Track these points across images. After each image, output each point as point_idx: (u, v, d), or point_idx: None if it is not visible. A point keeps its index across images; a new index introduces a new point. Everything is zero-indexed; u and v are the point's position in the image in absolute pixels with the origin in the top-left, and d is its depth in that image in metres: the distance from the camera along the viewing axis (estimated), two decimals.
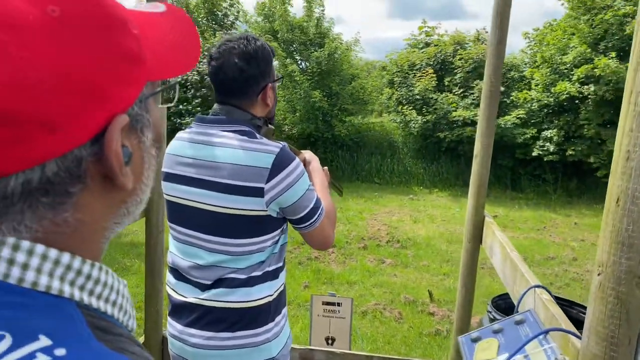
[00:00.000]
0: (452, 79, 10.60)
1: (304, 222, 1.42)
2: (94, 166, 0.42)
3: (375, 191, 10.09)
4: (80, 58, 0.38)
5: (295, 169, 1.36)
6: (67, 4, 0.39)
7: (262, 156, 1.32)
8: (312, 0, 11.60)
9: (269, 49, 1.46)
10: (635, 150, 0.76)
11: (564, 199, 9.36)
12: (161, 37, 0.49)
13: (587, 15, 8.48)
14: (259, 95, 1.43)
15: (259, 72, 1.41)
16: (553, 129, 9.09)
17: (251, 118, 1.43)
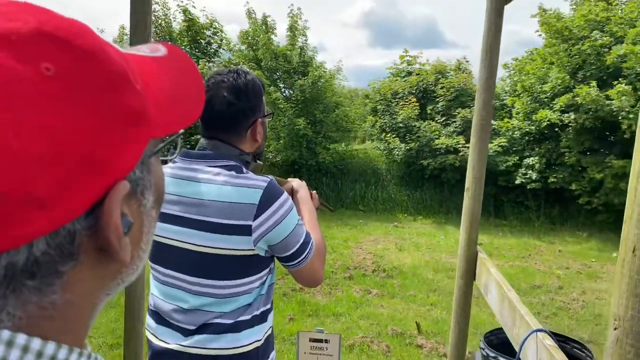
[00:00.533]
0: (435, 107, 10.73)
1: (293, 260, 1.35)
2: (89, 240, 0.37)
3: (360, 218, 10.04)
4: (76, 123, 0.33)
5: (283, 204, 1.30)
6: (64, 61, 0.33)
7: (249, 192, 1.25)
8: (295, 29, 11.72)
9: (259, 83, 1.41)
10: None
11: (547, 226, 9.41)
12: (164, 86, 0.44)
13: (565, 45, 8.69)
14: (248, 131, 1.38)
15: (249, 107, 1.36)
16: (535, 157, 9.20)
17: (239, 154, 1.37)
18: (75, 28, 0.35)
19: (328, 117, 11.20)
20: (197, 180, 1.30)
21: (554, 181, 8.92)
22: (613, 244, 8.18)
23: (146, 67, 0.43)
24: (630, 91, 7.39)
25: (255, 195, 1.25)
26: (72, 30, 0.35)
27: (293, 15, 11.69)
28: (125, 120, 0.36)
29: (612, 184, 8.07)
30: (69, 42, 0.34)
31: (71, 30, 0.35)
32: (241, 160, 1.36)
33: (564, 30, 8.66)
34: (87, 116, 0.34)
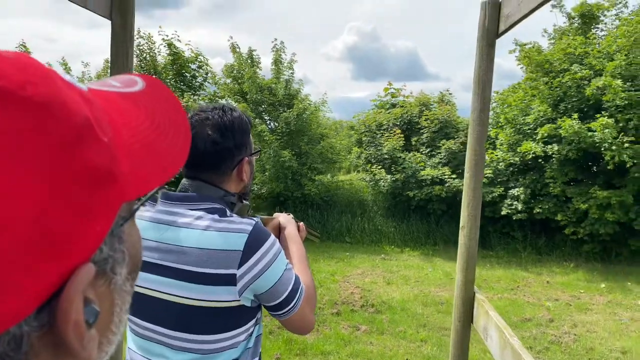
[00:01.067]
0: (419, 139, 10.79)
1: (282, 308, 1.24)
2: (42, 339, 0.28)
3: (347, 251, 9.91)
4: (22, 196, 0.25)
5: (270, 248, 1.20)
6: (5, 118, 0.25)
7: (233, 237, 1.16)
8: (280, 63, 11.81)
9: (246, 120, 1.34)
10: None
11: (533, 256, 9.38)
12: (140, 130, 0.35)
13: (546, 78, 8.85)
14: (234, 170, 1.30)
15: (234, 145, 1.28)
16: (520, 188, 9.24)
17: (224, 195, 1.28)
18: (24, 74, 0.27)
19: (313, 148, 11.19)
20: (178, 225, 1.20)
21: (539, 212, 8.94)
22: (600, 274, 8.17)
23: (117, 106, 0.35)
24: (613, 124, 7.51)
25: (240, 240, 1.16)
26: (20, 78, 0.27)
27: (277, 49, 11.80)
28: (88, 182, 0.28)
29: (597, 214, 8.10)
30: (13, 93, 0.26)
31: (19, 77, 0.27)
32: (226, 201, 1.28)
33: (544, 64, 8.84)
34: (34, 182, 0.25)
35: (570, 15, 10.21)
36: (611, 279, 7.89)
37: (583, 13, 9.84)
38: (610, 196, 7.84)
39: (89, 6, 1.64)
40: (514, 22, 1.56)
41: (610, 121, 7.48)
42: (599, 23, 10.14)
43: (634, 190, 7.94)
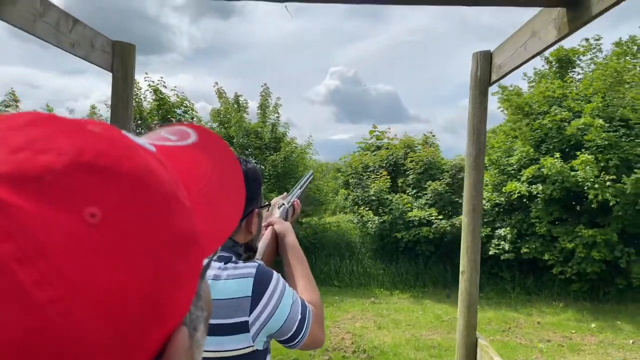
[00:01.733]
0: (405, 180, 10.89)
1: (294, 340, 1.22)
2: None
3: (336, 295, 9.78)
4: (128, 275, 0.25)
5: (276, 288, 1.19)
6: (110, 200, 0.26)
7: (239, 283, 1.15)
8: (266, 107, 11.97)
9: (259, 173, 1.34)
10: None
11: (523, 296, 9.36)
12: (204, 187, 0.35)
13: (527, 120, 9.09)
14: (244, 221, 1.28)
15: (247, 196, 1.29)
16: (506, 228, 9.31)
17: (232, 245, 1.27)
18: (116, 146, 0.28)
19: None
20: None
21: (526, 251, 8.98)
22: (590, 313, 8.16)
23: (180, 163, 0.34)
24: (593, 161, 7.68)
25: (247, 286, 1.15)
26: (114, 153, 0.27)
27: (264, 94, 11.99)
28: (181, 251, 0.29)
29: (583, 253, 8.16)
30: (113, 171, 0.26)
31: (114, 152, 0.27)
32: (234, 252, 1.26)
33: (524, 106, 9.09)
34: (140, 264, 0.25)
35: (548, 59, 10.60)
36: (601, 318, 7.89)
37: (560, 57, 10.23)
38: (595, 235, 7.93)
39: (91, 59, 1.66)
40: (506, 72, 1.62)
41: (591, 158, 7.66)
42: (575, 67, 10.54)
43: (618, 229, 8.05)
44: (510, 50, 1.64)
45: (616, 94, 8.12)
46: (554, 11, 1.42)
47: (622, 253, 8.09)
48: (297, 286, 1.40)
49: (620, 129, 7.97)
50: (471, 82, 1.82)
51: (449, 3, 1.40)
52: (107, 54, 1.75)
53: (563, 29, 1.34)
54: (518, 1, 1.36)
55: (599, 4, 1.19)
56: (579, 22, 1.29)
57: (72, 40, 1.51)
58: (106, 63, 1.76)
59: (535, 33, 1.51)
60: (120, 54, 1.79)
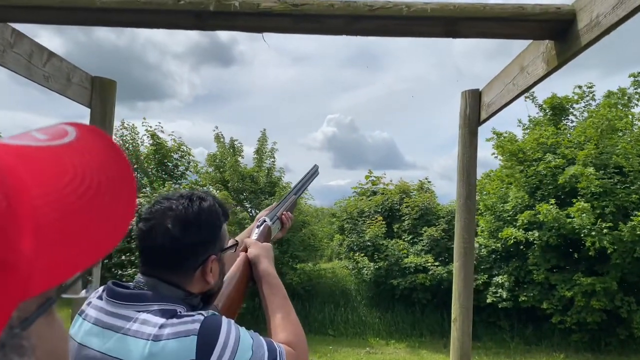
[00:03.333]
0: (401, 226, 10.78)
1: None
2: None
3: (330, 344, 9.47)
4: None
5: (227, 341, 1.01)
6: None
7: (180, 342, 0.98)
8: (262, 152, 12.00)
9: (219, 212, 1.18)
10: None
11: (522, 347, 9.07)
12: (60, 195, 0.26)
13: (521, 167, 9.10)
14: (198, 270, 1.12)
15: (199, 242, 1.12)
16: (503, 275, 9.13)
17: (185, 296, 1.11)
18: None
19: (295, 236, 11.05)
20: (125, 332, 1.02)
21: (524, 300, 8.77)
22: None
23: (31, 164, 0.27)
24: (589, 209, 7.63)
25: (190, 346, 0.98)
26: None
27: (262, 139, 12.07)
28: None
29: (582, 302, 7.97)
30: None
31: None
32: (187, 304, 1.09)
33: (518, 153, 9.12)
34: None
35: (542, 106, 10.73)
36: None
37: (554, 105, 10.36)
38: (594, 283, 7.77)
39: (68, 94, 1.61)
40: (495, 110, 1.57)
41: (587, 205, 7.61)
42: (568, 115, 10.66)
43: (617, 277, 7.90)
44: (499, 87, 1.60)
45: (609, 142, 8.17)
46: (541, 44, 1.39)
47: (623, 302, 7.90)
48: (271, 321, 1.23)
49: (615, 176, 7.96)
50: (460, 121, 1.77)
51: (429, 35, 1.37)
52: (85, 89, 1.70)
53: (552, 62, 1.30)
54: (501, 34, 1.33)
55: (587, 34, 1.16)
56: (568, 54, 1.25)
57: (46, 73, 1.46)
58: (84, 99, 1.71)
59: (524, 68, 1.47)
60: (99, 90, 1.74)
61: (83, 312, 1.12)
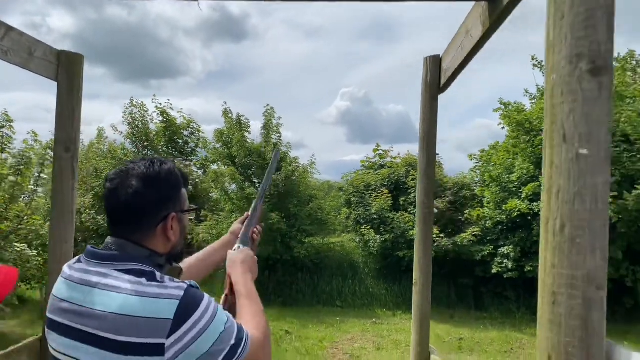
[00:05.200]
0: (407, 199, 10.80)
1: None
2: None
3: (337, 315, 9.64)
4: None
5: (204, 314, 1.09)
6: None
7: (162, 304, 1.05)
8: (269, 127, 12.00)
9: (177, 175, 1.27)
10: None
11: (528, 317, 9.13)
12: None
13: (527, 137, 8.99)
14: (159, 227, 1.21)
15: (159, 198, 1.20)
16: (509, 246, 9.14)
17: (149, 254, 1.19)
18: None
19: (302, 210, 11.14)
20: (99, 287, 1.10)
21: (530, 270, 8.78)
22: None
23: None
24: None
25: (170, 308, 1.06)
26: None
27: (267, 114, 12.04)
28: None
29: None
30: None
31: None
32: (152, 262, 1.18)
33: (525, 123, 9.00)
34: None
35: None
36: (608, 338, 7.63)
37: None
38: None
39: (30, 68, 1.65)
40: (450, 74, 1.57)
41: None
42: None
43: (623, 247, 7.85)
44: (452, 52, 1.59)
45: (616, 110, 8.01)
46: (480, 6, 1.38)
47: (628, 271, 7.87)
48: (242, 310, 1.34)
49: (622, 145, 7.84)
50: (422, 88, 1.77)
51: None
52: (50, 64, 1.74)
53: (486, 23, 1.29)
54: None
55: None
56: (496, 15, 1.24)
57: (4, 47, 1.50)
58: (50, 73, 1.76)
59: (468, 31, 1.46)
60: (66, 64, 1.79)
61: (65, 273, 1.22)
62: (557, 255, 0.64)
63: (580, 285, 0.62)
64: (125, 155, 15.16)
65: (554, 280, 0.64)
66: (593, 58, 0.74)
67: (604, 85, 0.74)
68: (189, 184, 10.85)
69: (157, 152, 15.94)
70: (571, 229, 0.63)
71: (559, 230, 0.64)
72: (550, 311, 0.63)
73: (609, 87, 0.74)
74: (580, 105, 0.75)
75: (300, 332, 8.17)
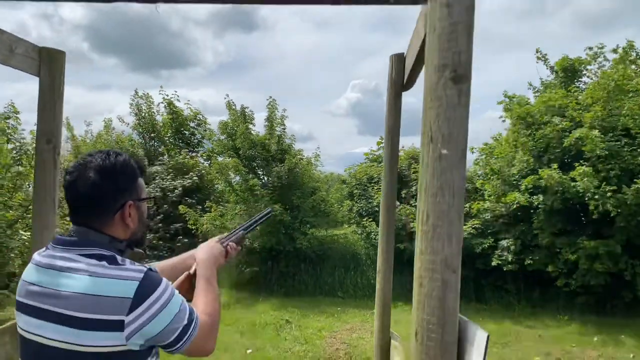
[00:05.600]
0: (409, 191, 10.84)
1: (173, 346, 1.25)
2: None
3: (338, 306, 9.74)
4: None
5: (162, 295, 1.22)
6: None
7: (122, 284, 1.17)
8: (273, 119, 12.06)
9: (133, 165, 1.38)
10: None
11: (528, 310, 9.16)
12: None
13: (529, 130, 8.97)
14: (117, 215, 1.32)
15: (116, 188, 1.31)
16: (510, 239, 9.16)
17: (110, 240, 1.30)
18: None
19: (305, 202, 11.23)
20: (64, 269, 1.22)
21: (530, 263, 8.80)
22: (595, 327, 7.95)
23: None
24: (591, 172, 7.52)
25: (130, 288, 1.18)
26: None
27: (271, 106, 12.09)
28: None
29: (586, 265, 7.97)
30: None
31: None
32: (114, 247, 1.30)
33: (526, 116, 8.98)
34: None
35: (554, 69, 10.47)
36: (605, 332, 7.67)
37: (565, 67, 10.09)
38: (597, 246, 7.74)
39: (11, 64, 1.74)
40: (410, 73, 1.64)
41: (589, 170, 7.51)
42: (581, 77, 10.37)
43: (623, 240, 7.85)
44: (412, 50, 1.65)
45: (617, 103, 7.97)
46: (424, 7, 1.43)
47: (627, 265, 7.87)
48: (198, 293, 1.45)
49: (623, 139, 7.80)
50: (388, 84, 1.84)
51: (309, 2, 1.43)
52: (32, 60, 1.84)
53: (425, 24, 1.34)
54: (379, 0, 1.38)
55: None
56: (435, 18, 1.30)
57: None
58: (32, 69, 1.85)
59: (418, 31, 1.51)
60: (47, 60, 1.88)
61: (34, 259, 1.34)
62: (424, 243, 0.72)
63: (439, 269, 0.69)
64: (133, 146, 15.36)
65: (421, 264, 0.71)
66: (455, 67, 0.81)
67: (463, 91, 0.80)
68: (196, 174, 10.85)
69: (164, 143, 16.10)
70: (434, 219, 0.71)
71: (425, 220, 0.71)
72: (418, 292, 0.71)
73: (468, 93, 0.80)
74: (444, 110, 0.82)
75: (300, 321, 8.29)
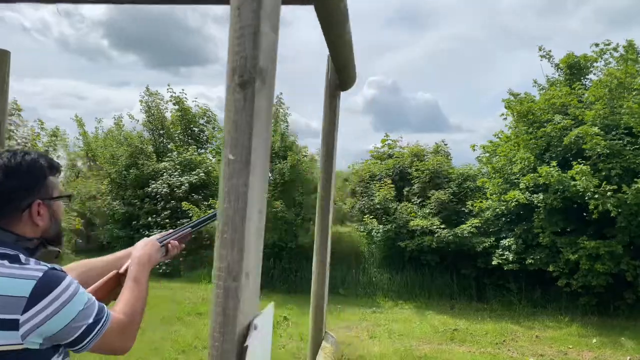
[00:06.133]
0: (411, 189, 10.79)
1: (76, 345, 1.25)
2: None
3: (339, 303, 9.73)
4: None
5: (62, 293, 1.22)
6: None
7: (18, 283, 1.18)
8: (277, 117, 12.10)
9: (41, 164, 1.37)
10: None
11: (528, 309, 9.06)
12: None
13: (530, 128, 8.85)
14: (24, 213, 1.32)
15: (21, 187, 1.31)
16: (511, 238, 9.06)
17: (17, 239, 1.31)
18: None
19: (308, 199, 11.24)
20: None
21: (531, 262, 8.69)
22: (595, 328, 7.83)
23: None
24: (589, 171, 7.38)
25: (26, 286, 1.18)
26: None
27: (276, 104, 12.12)
28: None
29: (587, 265, 7.84)
30: None
31: None
32: (20, 246, 1.30)
33: (527, 114, 8.86)
34: None
35: (559, 66, 10.30)
36: (605, 333, 7.55)
37: (570, 64, 9.93)
38: (598, 246, 7.60)
39: None
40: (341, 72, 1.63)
41: (586, 168, 7.37)
42: (588, 74, 10.19)
43: (624, 241, 7.70)
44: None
45: (618, 101, 7.81)
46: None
47: (629, 266, 7.73)
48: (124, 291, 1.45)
49: (625, 137, 7.65)
50: (325, 84, 1.83)
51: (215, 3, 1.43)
52: None
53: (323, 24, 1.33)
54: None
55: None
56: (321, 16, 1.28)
57: None
58: None
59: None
60: None
61: None
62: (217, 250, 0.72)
63: (223, 276, 0.69)
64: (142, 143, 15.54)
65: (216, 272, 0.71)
66: (242, 72, 0.81)
67: (248, 96, 0.80)
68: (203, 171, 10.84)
69: (173, 139, 16.26)
70: (222, 225, 0.71)
71: (220, 227, 0.71)
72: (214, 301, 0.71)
73: (253, 99, 0.80)
74: (232, 114, 0.82)
75: (298, 318, 8.30)
